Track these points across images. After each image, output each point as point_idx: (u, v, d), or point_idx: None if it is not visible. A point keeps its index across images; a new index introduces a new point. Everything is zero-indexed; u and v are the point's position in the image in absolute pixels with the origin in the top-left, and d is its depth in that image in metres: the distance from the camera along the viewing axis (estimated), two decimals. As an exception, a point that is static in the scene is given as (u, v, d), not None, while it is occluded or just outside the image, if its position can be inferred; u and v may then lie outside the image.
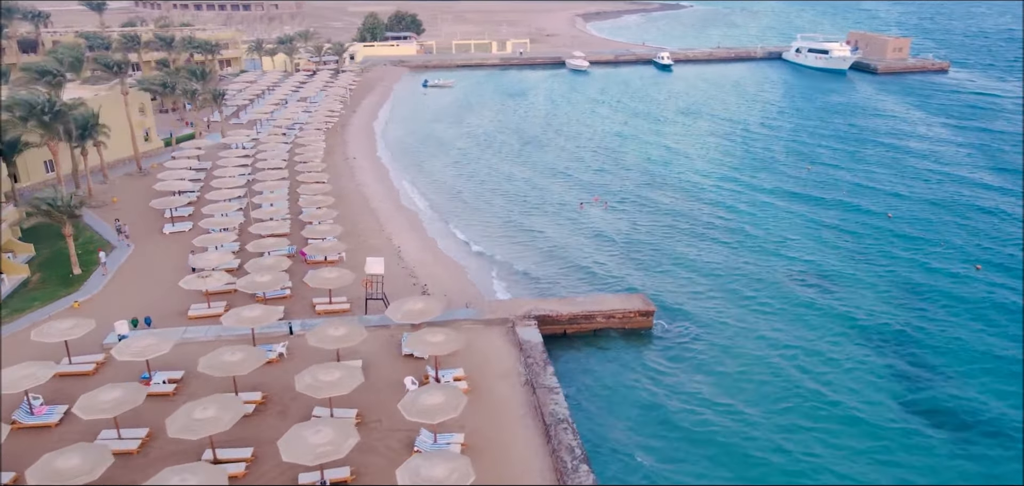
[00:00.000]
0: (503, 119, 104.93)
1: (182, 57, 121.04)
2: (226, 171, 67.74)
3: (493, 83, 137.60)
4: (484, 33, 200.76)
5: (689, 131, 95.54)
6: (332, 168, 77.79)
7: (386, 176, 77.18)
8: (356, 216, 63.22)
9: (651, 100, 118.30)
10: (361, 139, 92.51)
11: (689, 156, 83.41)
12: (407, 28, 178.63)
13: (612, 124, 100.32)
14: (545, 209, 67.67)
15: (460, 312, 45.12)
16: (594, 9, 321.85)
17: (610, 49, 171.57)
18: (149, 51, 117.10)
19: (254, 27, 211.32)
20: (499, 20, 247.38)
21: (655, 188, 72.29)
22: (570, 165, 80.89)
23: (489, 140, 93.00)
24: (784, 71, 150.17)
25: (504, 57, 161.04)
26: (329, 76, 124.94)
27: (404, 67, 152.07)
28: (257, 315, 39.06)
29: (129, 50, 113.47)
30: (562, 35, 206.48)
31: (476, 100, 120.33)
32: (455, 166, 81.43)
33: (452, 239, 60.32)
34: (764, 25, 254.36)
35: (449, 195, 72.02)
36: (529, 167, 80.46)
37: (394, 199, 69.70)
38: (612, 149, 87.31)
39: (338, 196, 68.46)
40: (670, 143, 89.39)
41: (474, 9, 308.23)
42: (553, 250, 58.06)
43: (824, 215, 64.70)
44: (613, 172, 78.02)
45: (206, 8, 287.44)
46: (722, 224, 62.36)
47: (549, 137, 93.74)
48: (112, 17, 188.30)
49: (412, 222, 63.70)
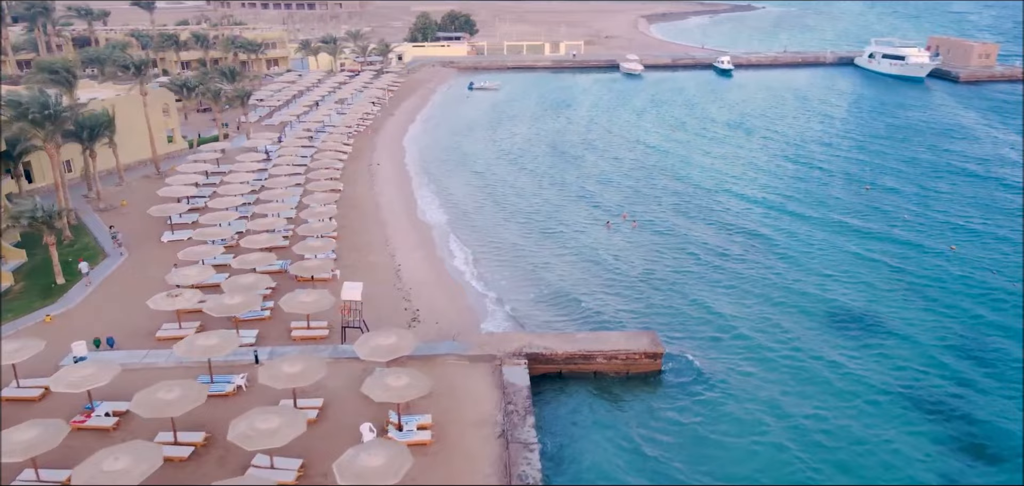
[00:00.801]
0: (542, 126, 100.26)
1: (225, 56, 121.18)
2: (238, 176, 65.58)
3: (541, 86, 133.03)
4: (541, 34, 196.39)
5: (738, 146, 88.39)
6: (352, 175, 75.04)
7: (407, 185, 73.81)
8: (364, 228, 59.97)
9: (702, 109, 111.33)
10: (391, 144, 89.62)
11: (733, 175, 76.57)
12: (460, 28, 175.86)
13: (655, 136, 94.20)
14: (568, 229, 62.78)
15: (444, 345, 40.99)
16: (660, 10, 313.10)
17: (668, 52, 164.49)
18: (186, 50, 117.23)
19: (316, 26, 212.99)
20: (559, 21, 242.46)
21: (690, 211, 66.22)
22: (603, 181, 75.51)
23: (523, 149, 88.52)
24: (855, 79, 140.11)
25: (556, 59, 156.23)
26: (371, 77, 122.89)
27: (453, 68, 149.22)
28: (213, 344, 35.87)
29: (167, 49, 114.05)
30: (621, 37, 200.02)
31: (519, 105, 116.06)
32: (482, 176, 77.29)
33: (461, 258, 56.18)
34: (840, 29, 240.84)
35: (469, 208, 67.92)
36: (559, 181, 75.60)
37: (410, 211, 66.16)
38: (650, 164, 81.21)
39: (351, 205, 65.64)
40: (715, 159, 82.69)
41: (536, 9, 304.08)
42: (566, 276, 53.14)
43: (878, 250, 57.01)
44: (648, 190, 72.24)
45: (272, 7, 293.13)
46: (758, 257, 55.81)
47: (585, 148, 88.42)
48: (179, 14, 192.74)
49: (422, 238, 59.95)
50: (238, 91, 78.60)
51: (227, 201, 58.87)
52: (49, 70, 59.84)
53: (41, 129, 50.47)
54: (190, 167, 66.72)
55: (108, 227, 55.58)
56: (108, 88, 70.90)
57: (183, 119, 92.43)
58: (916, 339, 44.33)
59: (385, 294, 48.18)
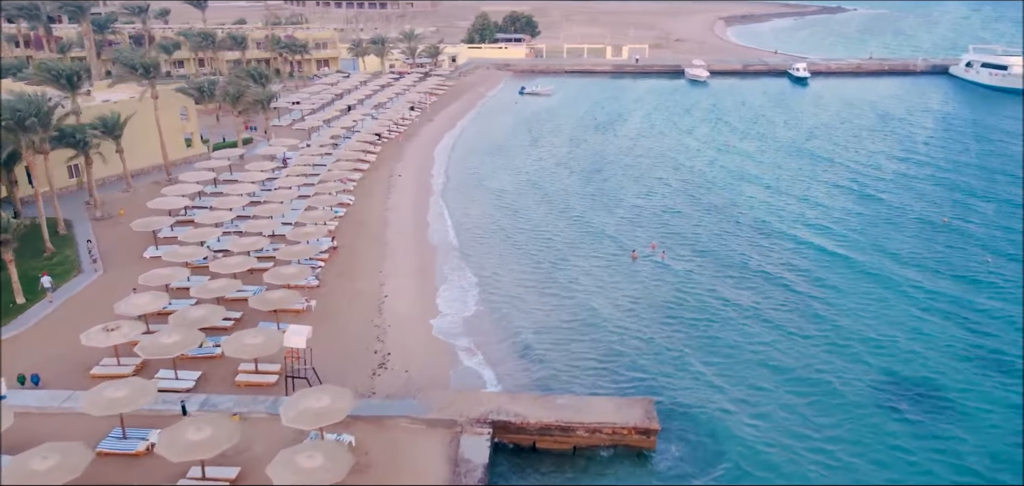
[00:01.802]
0: (585, 138, 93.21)
1: (273, 56, 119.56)
2: (242, 186, 62.01)
3: (597, 93, 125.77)
4: (608, 36, 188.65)
5: (798, 171, 78.10)
6: (368, 186, 70.61)
7: (424, 200, 68.52)
8: (362, 249, 55.11)
9: (767, 124, 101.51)
10: (420, 153, 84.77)
11: (787, 208, 66.82)
12: (521, 29, 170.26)
13: (707, 154, 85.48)
14: (588, 257, 55.96)
15: (399, 405, 35.33)
16: (741, 11, 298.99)
17: (738, 57, 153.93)
18: (223, 50, 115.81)
19: (381, 26, 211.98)
20: (630, 22, 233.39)
21: (729, 247, 57.86)
22: (639, 204, 67.85)
23: (560, 161, 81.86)
24: (947, 90, 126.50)
25: (617, 64, 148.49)
26: (415, 80, 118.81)
27: (508, 71, 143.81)
28: (120, 396, 31.31)
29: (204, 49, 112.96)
30: (692, 40, 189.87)
31: (568, 112, 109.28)
32: (507, 194, 70.99)
33: (456, 290, 50.28)
34: (939, 34, 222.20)
35: (485, 230, 61.90)
36: (591, 200, 68.51)
37: (418, 231, 60.78)
38: (695, 188, 72.52)
39: (356, 220, 61.03)
40: (769, 187, 73.18)
41: (610, 9, 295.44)
42: (569, 319, 46.35)
43: (950, 311, 47.25)
44: (686, 218, 64.20)
45: (345, 5, 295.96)
46: (799, 313, 46.69)
47: (627, 165, 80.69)
48: (242, 13, 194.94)
49: (422, 263, 54.47)
50: (259, 95, 75.30)
51: (218, 216, 55.07)
52: (51, 72, 57.50)
53: (13, 136, 47.68)
54: (193, 175, 63.51)
55: (86, 241, 52.65)
56: (121, 90, 68.73)
57: (215, 121, 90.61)
58: (992, 430, 35.60)
59: (358, 331, 43.03)
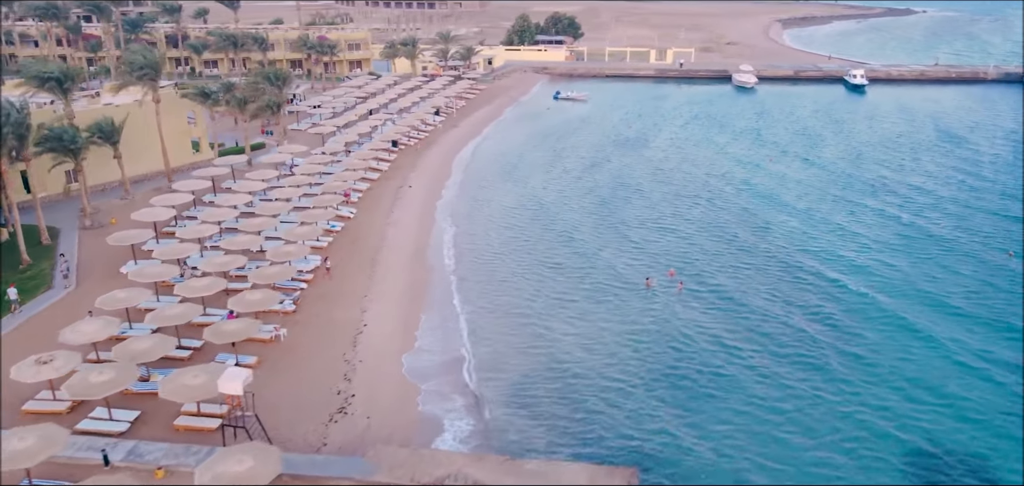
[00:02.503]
0: (613, 151, 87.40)
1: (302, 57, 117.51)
2: (234, 196, 59.07)
3: (634, 99, 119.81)
4: (656, 38, 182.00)
5: (841, 192, 69.98)
6: (375, 197, 67.07)
7: (430, 216, 64.37)
8: (351, 269, 51.29)
9: (814, 137, 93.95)
10: (438, 162, 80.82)
11: (822, 234, 59.57)
12: (564, 31, 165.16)
13: (743, 171, 78.75)
14: (598, 285, 50.81)
15: (345, 463, 31.19)
16: (801, 13, 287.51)
17: (792, 62, 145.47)
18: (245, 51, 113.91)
19: (425, 26, 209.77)
20: (681, 24, 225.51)
21: (753, 282, 51.54)
22: (662, 226, 62.15)
23: (582, 174, 76.53)
24: (1022, 101, 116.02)
25: (660, 68, 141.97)
26: (445, 83, 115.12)
27: (545, 75, 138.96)
28: (25, 446, 27.90)
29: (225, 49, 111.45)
30: (743, 44, 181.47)
31: (600, 121, 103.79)
32: (521, 211, 65.88)
33: (444, 323, 45.82)
34: (1016, 39, 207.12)
35: (490, 253, 57.06)
36: (607, 225, 62.63)
37: (418, 250, 56.54)
38: (725, 210, 66.00)
39: (353, 237, 57.40)
40: (805, 208, 65.82)
41: (661, 10, 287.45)
42: (561, 364, 41.07)
43: (1003, 364, 40.98)
44: (711, 245, 58.18)
45: (393, 5, 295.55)
46: (823, 365, 40.51)
47: (653, 181, 74.60)
48: (291, 12, 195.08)
49: (413, 289, 50.25)
50: (269, 99, 72.48)
51: (203, 229, 52.08)
52: (37, 75, 55.52)
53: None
54: (188, 184, 60.91)
55: (60, 254, 50.23)
56: (132, 93, 66.72)
57: (234, 125, 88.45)
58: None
59: (324, 368, 39.12)
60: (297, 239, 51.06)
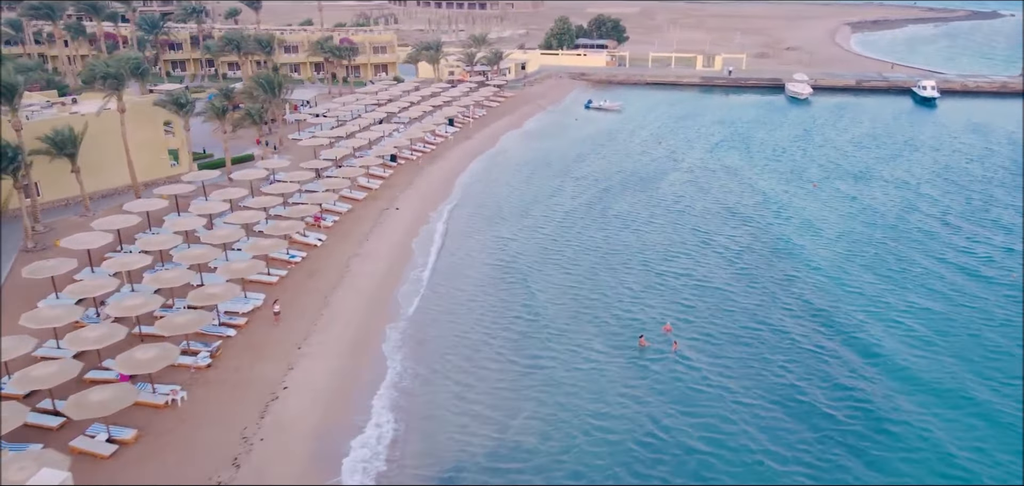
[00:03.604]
0: (636, 170, 78.53)
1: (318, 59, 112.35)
2: (185, 220, 53.26)
3: (673, 109, 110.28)
4: (711, 42, 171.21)
5: (891, 230, 59.31)
6: (355, 220, 60.59)
7: (409, 247, 56.85)
8: (298, 311, 44.64)
9: (869, 159, 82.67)
10: (438, 180, 73.73)
11: (859, 285, 49.60)
12: (607, 35, 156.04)
13: (777, 199, 68.51)
14: (582, 344, 42.68)
15: None
16: (872, 16, 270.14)
17: (855, 70, 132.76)
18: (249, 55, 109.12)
19: (469, 26, 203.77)
20: (738, 27, 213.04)
21: (766, 344, 42.69)
22: (671, 267, 53.32)
23: (591, 204, 66.71)
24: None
25: (706, 76, 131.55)
26: (468, 89, 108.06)
27: (582, 81, 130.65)
28: None
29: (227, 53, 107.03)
30: (804, 49, 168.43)
31: (629, 135, 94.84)
32: (515, 244, 57.54)
33: (387, 393, 38.43)
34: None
35: (466, 295, 49.30)
36: (606, 262, 54.35)
37: (380, 294, 48.85)
38: (748, 249, 56.41)
39: (311, 271, 50.84)
40: (842, 250, 55.45)
41: (720, 12, 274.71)
42: (513, 457, 33.60)
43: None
44: (726, 291, 49.22)
45: (445, 5, 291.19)
46: (845, 463, 32.35)
47: (672, 211, 65.32)
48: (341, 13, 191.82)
49: (365, 338, 43.15)
50: (250, 108, 66.87)
51: (133, 261, 46.28)
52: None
53: None
54: (143, 204, 55.36)
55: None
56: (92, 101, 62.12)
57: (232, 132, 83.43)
58: None
59: (213, 447, 32.46)
60: (238, 275, 44.76)
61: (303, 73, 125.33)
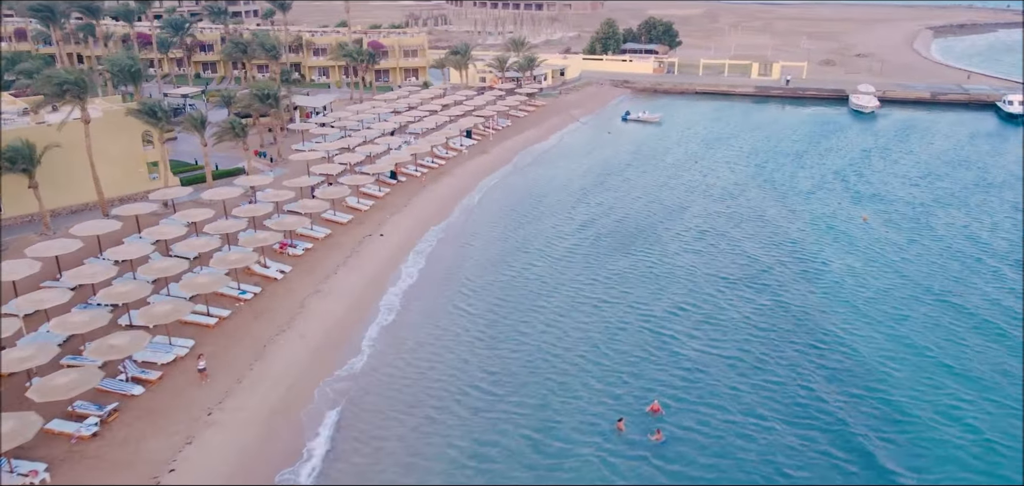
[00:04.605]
0: (660, 198, 69.58)
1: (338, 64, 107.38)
2: (138, 246, 48.11)
3: (719, 124, 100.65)
4: (772, 49, 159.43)
5: (951, 290, 49.66)
6: (329, 248, 54.65)
7: (382, 287, 50.27)
8: (219, 367, 38.63)
9: (934, 188, 71.92)
10: (441, 200, 67.16)
11: (896, 356, 41.29)
12: (658, 39, 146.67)
13: (820, 235, 58.95)
14: (546, 429, 35.29)
15: None
16: (958, 19, 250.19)
17: (927, 83, 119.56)
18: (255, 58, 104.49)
19: (521, 28, 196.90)
20: (804, 31, 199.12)
21: (779, 439, 34.65)
22: (668, 333, 44.52)
23: (598, 239, 58.33)
24: None
25: (762, 86, 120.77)
26: (495, 96, 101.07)
27: (626, 89, 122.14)
28: None
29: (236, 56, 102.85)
30: (876, 56, 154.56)
31: (662, 154, 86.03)
32: (487, 291, 49.60)
33: (306, 478, 32.06)
34: None
35: (427, 351, 42.68)
36: (596, 319, 46.11)
37: (326, 347, 42.40)
38: (768, 311, 46.89)
39: (262, 308, 45.12)
40: (888, 313, 45.87)
41: (789, 14, 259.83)
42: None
43: None
44: (733, 367, 40.72)
45: (501, 6, 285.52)
46: None
47: (688, 252, 56.63)
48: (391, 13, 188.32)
49: (299, 399, 36.94)
50: (232, 121, 61.67)
51: (53, 298, 41.25)
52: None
53: None
54: (96, 225, 50.55)
55: None
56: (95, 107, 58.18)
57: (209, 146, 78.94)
58: None
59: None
60: (163, 318, 39.12)
61: (332, 77, 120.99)
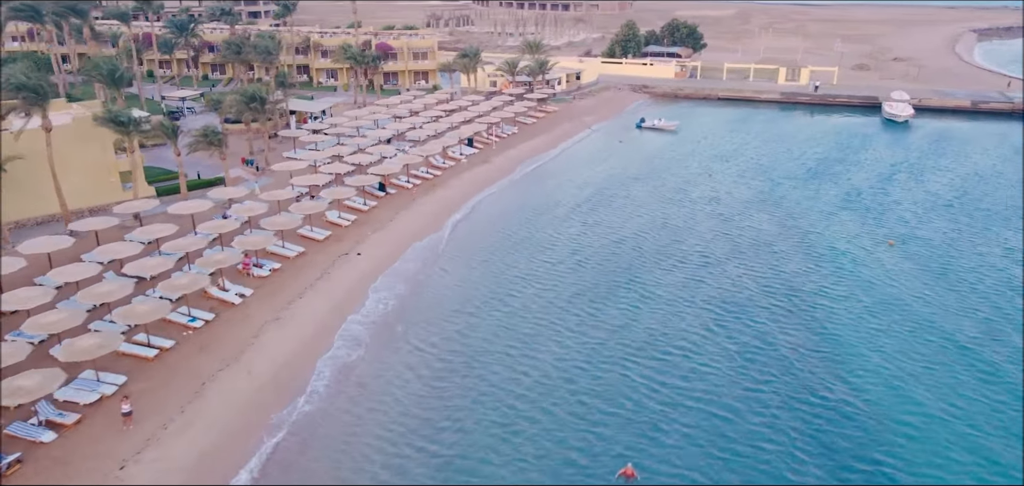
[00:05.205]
0: (661, 220, 64.63)
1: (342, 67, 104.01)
2: (81, 267, 44.78)
3: (739, 133, 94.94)
4: (802, 53, 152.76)
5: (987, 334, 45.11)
6: (300, 268, 50.82)
7: (342, 315, 46.38)
8: (148, 409, 34.92)
9: (970, 210, 65.83)
10: (429, 215, 62.95)
11: (926, 425, 36.39)
12: (681, 42, 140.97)
13: (838, 263, 53.52)
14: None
15: None
16: (1007, 21, 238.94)
17: (968, 90, 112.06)
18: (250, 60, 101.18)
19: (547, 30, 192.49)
20: (841, 33, 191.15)
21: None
22: (649, 381, 39.80)
23: (580, 267, 54.01)
24: None
25: (788, 92, 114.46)
26: (503, 102, 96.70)
27: (645, 94, 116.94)
28: None
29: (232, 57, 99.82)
30: (913, 60, 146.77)
31: (676, 163, 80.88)
32: (460, 328, 46.03)
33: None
34: None
35: (376, 398, 38.66)
36: (573, 364, 41.67)
37: (272, 387, 38.32)
38: (769, 352, 42.02)
39: (202, 345, 41.05)
40: (912, 361, 41.20)
41: (823, 17, 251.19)
42: None
43: None
44: (724, 421, 36.02)
45: (527, 6, 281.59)
46: None
47: (686, 283, 51.68)
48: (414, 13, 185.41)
49: (230, 451, 33.06)
50: (207, 129, 58.28)
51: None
52: None
53: None
54: (37, 246, 47.18)
55: None
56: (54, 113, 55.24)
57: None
58: None
59: None
60: (89, 353, 35.53)
61: (340, 79, 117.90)
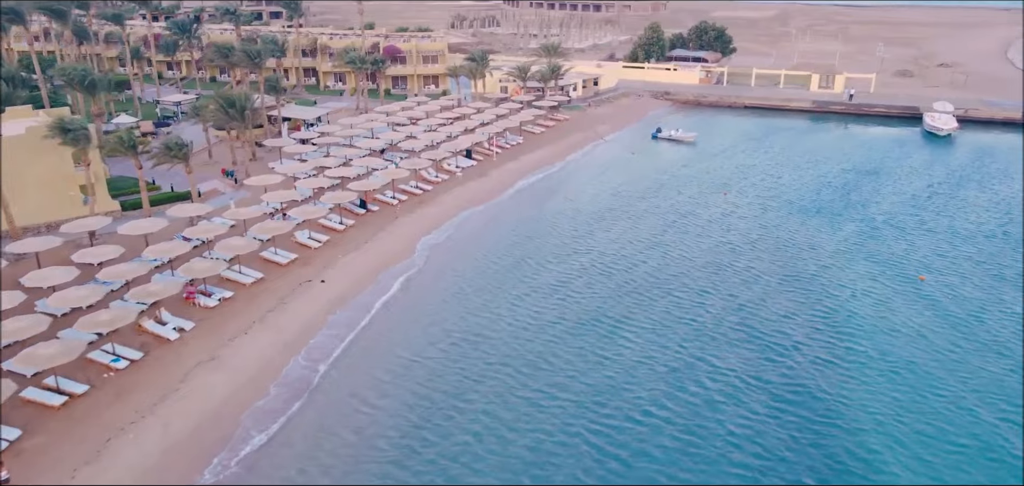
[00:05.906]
0: (666, 246, 58.61)
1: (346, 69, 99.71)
2: (12, 294, 40.89)
3: (763, 146, 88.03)
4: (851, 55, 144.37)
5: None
6: (256, 295, 46.38)
7: (298, 344, 41.86)
8: (49, 463, 30.60)
9: (1004, 246, 58.48)
10: (407, 236, 58.00)
11: None
12: (709, 45, 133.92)
13: (850, 321, 47.10)
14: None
15: None
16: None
17: (1019, 101, 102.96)
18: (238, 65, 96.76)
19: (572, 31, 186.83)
20: (884, 36, 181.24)
21: None
22: (645, 443, 34.60)
23: (563, 303, 48.55)
24: None
25: (821, 101, 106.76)
26: (512, 108, 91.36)
27: (666, 102, 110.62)
28: None
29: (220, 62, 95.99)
30: (960, 67, 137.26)
31: (690, 180, 74.44)
32: (434, 367, 41.36)
33: None
34: None
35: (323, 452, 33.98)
36: (549, 422, 36.53)
37: (219, 422, 34.44)
38: (773, 415, 36.63)
39: (118, 391, 36.67)
40: (943, 419, 35.35)
41: (868, 19, 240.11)
42: None
43: None
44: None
45: (558, 7, 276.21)
46: None
47: (685, 320, 46.17)
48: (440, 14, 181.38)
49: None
50: (171, 142, 54.19)
51: None
52: None
53: None
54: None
55: None
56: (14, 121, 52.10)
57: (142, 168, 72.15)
58: None
59: None
60: None
61: (347, 83, 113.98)
